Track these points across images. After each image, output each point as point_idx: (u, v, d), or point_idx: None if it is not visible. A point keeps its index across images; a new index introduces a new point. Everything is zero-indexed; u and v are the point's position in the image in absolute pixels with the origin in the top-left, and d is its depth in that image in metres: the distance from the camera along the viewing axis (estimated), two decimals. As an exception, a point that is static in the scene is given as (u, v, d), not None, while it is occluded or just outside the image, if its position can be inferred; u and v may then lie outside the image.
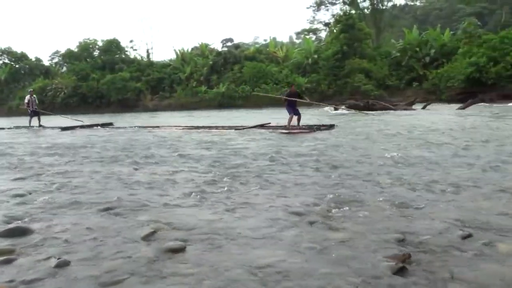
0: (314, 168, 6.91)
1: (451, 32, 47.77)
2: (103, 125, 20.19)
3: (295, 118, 14.69)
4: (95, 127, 19.46)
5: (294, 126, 14.38)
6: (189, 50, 61.39)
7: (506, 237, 3.49)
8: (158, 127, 18.01)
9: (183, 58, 57.63)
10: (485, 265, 3.00)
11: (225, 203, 4.81)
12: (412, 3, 79.10)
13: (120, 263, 3.16)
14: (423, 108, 27.10)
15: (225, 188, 5.55)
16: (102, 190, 5.61)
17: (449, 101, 34.37)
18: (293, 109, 14.74)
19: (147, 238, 3.67)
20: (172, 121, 23.72)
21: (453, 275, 2.82)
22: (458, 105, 26.81)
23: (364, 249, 3.31)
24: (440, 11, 78.16)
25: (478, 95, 31.00)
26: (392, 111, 25.28)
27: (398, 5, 73.26)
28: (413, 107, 27.80)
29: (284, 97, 15.15)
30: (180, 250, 3.39)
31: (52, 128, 19.78)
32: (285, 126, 14.47)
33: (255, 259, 3.16)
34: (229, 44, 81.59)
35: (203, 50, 58.74)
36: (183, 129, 16.43)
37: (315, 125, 14.45)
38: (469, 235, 3.55)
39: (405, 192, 5.09)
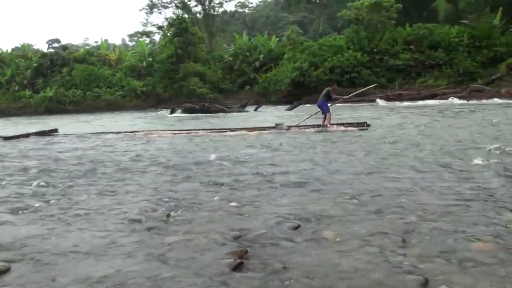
0: (154, 171, 6.82)
1: (277, 39, 51.31)
2: (49, 132, 15.41)
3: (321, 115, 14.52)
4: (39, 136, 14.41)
5: (327, 125, 13.95)
6: (9, 51, 55.56)
7: (331, 225, 3.87)
8: (141, 131, 14.24)
9: (2, 59, 51.98)
10: (314, 252, 3.28)
11: (57, 215, 4.48)
12: (241, 10, 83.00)
13: None
14: (255, 110, 28.63)
15: (57, 199, 5.16)
16: None
17: (277, 103, 36.85)
18: (328, 108, 14.40)
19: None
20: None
21: (286, 265, 3.04)
22: (286, 107, 28.91)
23: (204, 249, 3.37)
24: (267, 19, 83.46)
25: (303, 97, 33.96)
26: (227, 113, 26.24)
27: (228, 11, 76.37)
28: (246, 109, 29.21)
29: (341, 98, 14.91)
30: (4, 271, 3.04)
31: None
32: (325, 125, 13.95)
33: (91, 272, 2.99)
34: (56, 45, 75.76)
35: (25, 51, 53.69)
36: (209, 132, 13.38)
37: (364, 122, 14.06)
38: (298, 226, 3.86)
39: (239, 191, 5.31)
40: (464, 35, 38.38)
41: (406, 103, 28.45)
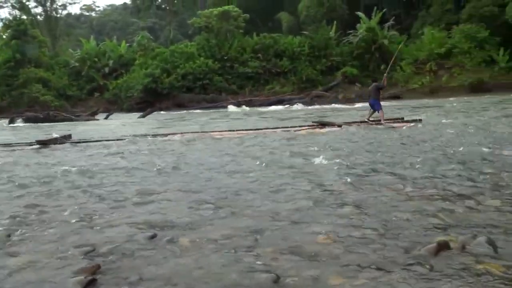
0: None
1: (127, 44, 49.94)
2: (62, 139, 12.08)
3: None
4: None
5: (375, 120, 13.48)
6: None
7: (187, 232, 3.89)
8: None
9: None
10: (170, 260, 3.26)
11: None
12: (87, 14, 79.14)
13: None
14: (106, 118, 27.52)
15: None
16: None
17: (130, 110, 35.92)
18: (380, 105, 13.79)
19: None
20: None
21: (141, 277, 2.98)
22: (139, 114, 28.28)
23: (51, 269, 3.14)
24: (116, 23, 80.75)
25: (156, 104, 33.63)
26: (76, 122, 24.81)
27: (73, 14, 72.24)
28: (96, 117, 27.91)
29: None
30: None
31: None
32: (380, 121, 13.47)
33: None
34: None
35: None
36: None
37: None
38: (154, 235, 3.80)
39: (90, 203, 5.05)
40: (305, 45, 41.59)
41: (262, 109, 29.85)
